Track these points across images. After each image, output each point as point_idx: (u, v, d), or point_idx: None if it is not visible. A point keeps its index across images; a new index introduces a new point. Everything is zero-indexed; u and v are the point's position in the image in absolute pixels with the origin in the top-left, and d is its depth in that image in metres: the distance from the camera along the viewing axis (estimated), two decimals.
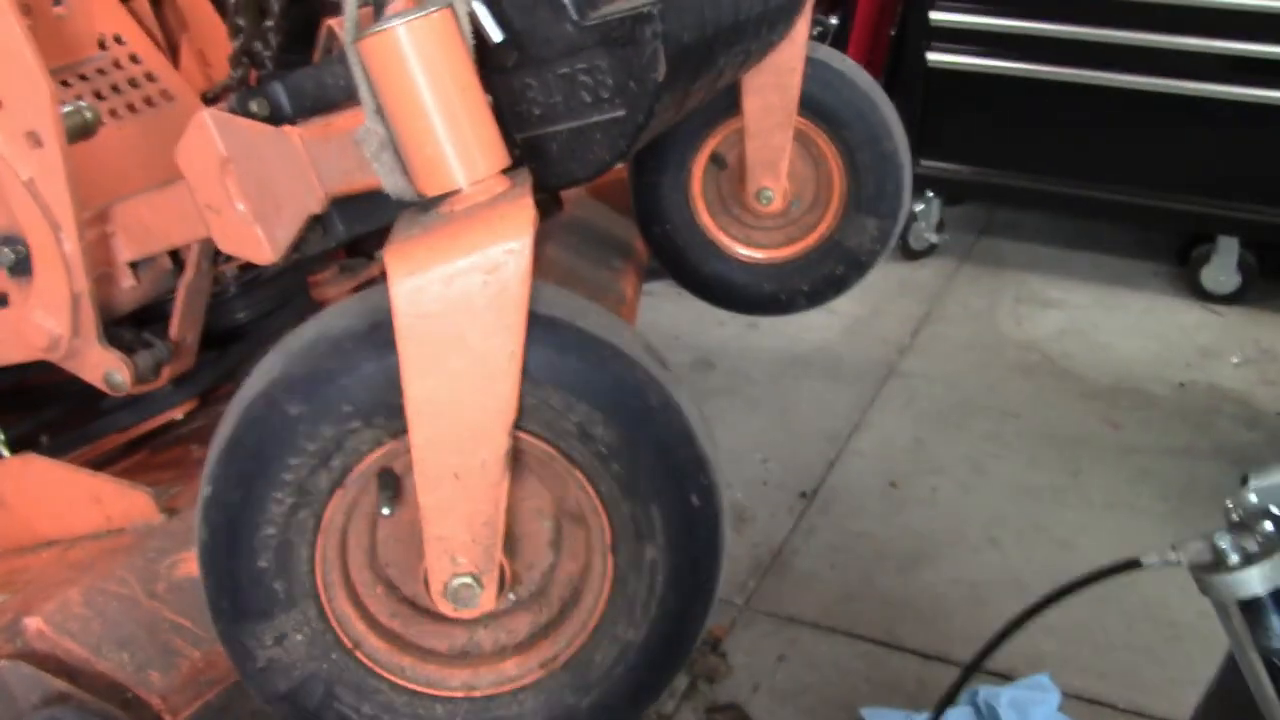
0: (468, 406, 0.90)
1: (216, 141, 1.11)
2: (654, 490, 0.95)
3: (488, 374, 0.89)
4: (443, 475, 0.92)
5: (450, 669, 1.05)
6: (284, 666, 1.01)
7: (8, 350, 1.38)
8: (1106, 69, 3.20)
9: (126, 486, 1.33)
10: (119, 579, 1.24)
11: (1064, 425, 2.84)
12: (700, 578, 0.98)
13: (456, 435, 0.91)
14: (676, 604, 0.98)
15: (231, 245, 1.17)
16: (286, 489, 0.95)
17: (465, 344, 0.88)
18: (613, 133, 1.09)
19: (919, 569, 2.39)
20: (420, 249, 0.88)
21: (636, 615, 0.98)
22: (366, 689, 1.03)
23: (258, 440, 0.93)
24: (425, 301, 0.87)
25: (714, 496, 0.96)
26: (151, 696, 1.19)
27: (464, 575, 0.95)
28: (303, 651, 1.01)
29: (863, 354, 3.20)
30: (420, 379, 0.89)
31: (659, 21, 1.04)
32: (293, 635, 1.00)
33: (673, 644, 1.00)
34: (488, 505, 0.93)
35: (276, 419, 0.93)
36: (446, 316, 0.87)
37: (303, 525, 0.97)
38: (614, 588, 0.98)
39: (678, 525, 0.96)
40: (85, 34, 1.80)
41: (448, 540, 0.94)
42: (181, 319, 1.44)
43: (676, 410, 0.95)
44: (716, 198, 2.06)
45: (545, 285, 0.95)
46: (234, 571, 0.98)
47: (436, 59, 0.90)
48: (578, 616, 1.01)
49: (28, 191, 1.23)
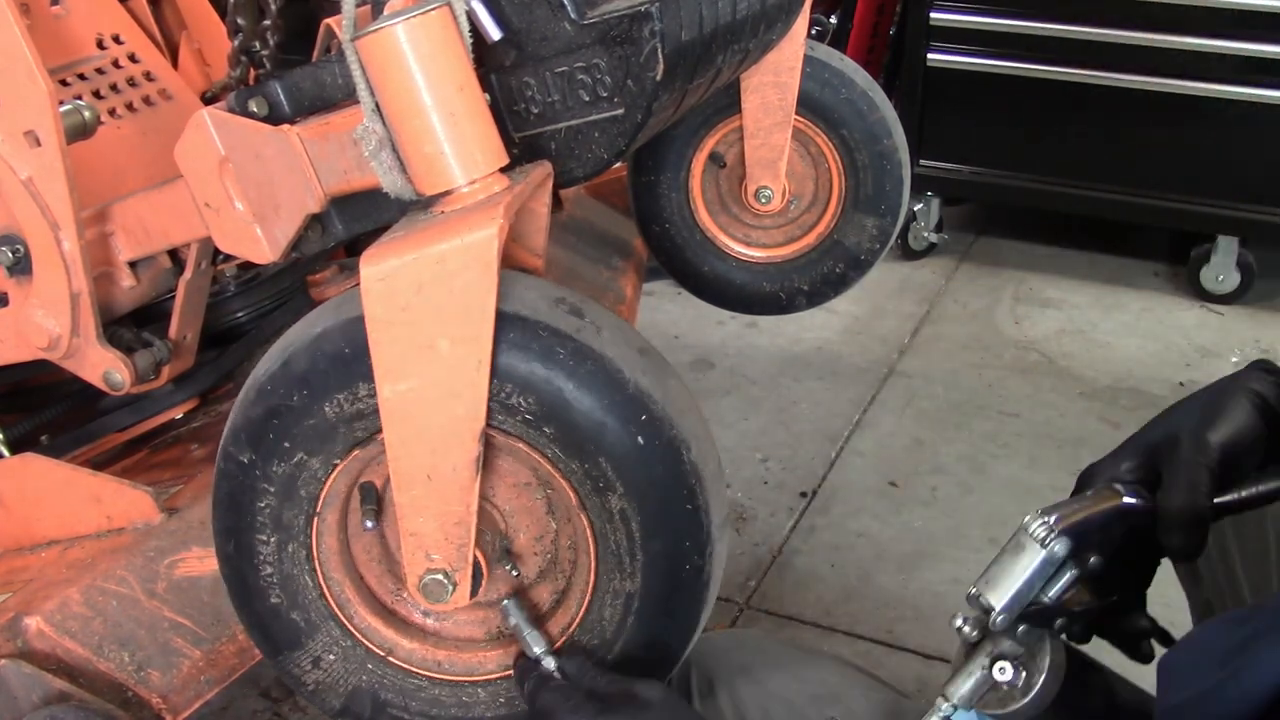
0: (436, 411, 0.90)
1: (215, 141, 1.11)
2: (594, 442, 0.92)
3: (454, 380, 0.88)
4: (415, 475, 0.92)
5: (486, 653, 1.06)
6: (329, 685, 1.06)
7: (7, 350, 1.38)
8: (1107, 69, 3.19)
9: (126, 486, 1.33)
10: (119, 578, 1.24)
11: (1064, 425, 2.83)
12: (676, 512, 0.94)
13: (428, 438, 0.91)
14: (663, 546, 0.95)
15: (230, 244, 1.17)
16: (266, 530, 1.00)
17: (431, 350, 0.88)
18: (611, 131, 1.09)
19: (919, 569, 2.39)
20: (389, 251, 0.87)
21: (626, 565, 0.97)
22: (409, 689, 1.06)
23: (227, 492, 0.99)
24: (391, 304, 0.87)
25: (661, 432, 0.92)
26: (152, 696, 1.19)
27: (437, 571, 0.96)
28: (340, 669, 1.05)
29: (862, 354, 3.20)
30: (390, 382, 0.89)
31: (657, 20, 1.04)
32: (326, 656, 1.05)
33: (674, 586, 0.97)
34: (459, 506, 0.93)
35: (234, 468, 0.98)
36: (411, 321, 0.87)
37: (296, 558, 1.01)
38: (597, 543, 0.97)
39: (632, 469, 0.92)
40: (84, 33, 1.81)
41: (421, 537, 0.95)
42: (181, 318, 1.44)
43: (595, 356, 0.91)
44: (716, 197, 2.06)
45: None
46: (256, 612, 1.04)
47: (435, 57, 0.90)
48: (580, 578, 1.01)
49: (27, 191, 1.23)
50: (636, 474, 0.93)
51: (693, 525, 0.95)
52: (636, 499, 0.93)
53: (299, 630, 1.03)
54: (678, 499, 0.94)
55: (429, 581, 0.96)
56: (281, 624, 1.03)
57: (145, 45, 1.88)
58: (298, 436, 0.95)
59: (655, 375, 0.95)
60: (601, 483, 0.93)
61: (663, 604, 0.98)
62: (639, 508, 0.94)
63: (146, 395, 1.57)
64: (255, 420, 0.96)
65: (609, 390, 0.91)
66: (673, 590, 0.97)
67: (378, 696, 1.06)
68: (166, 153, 1.15)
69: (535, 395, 0.91)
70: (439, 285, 0.86)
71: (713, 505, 0.96)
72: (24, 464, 1.40)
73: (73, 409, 1.61)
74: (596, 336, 0.92)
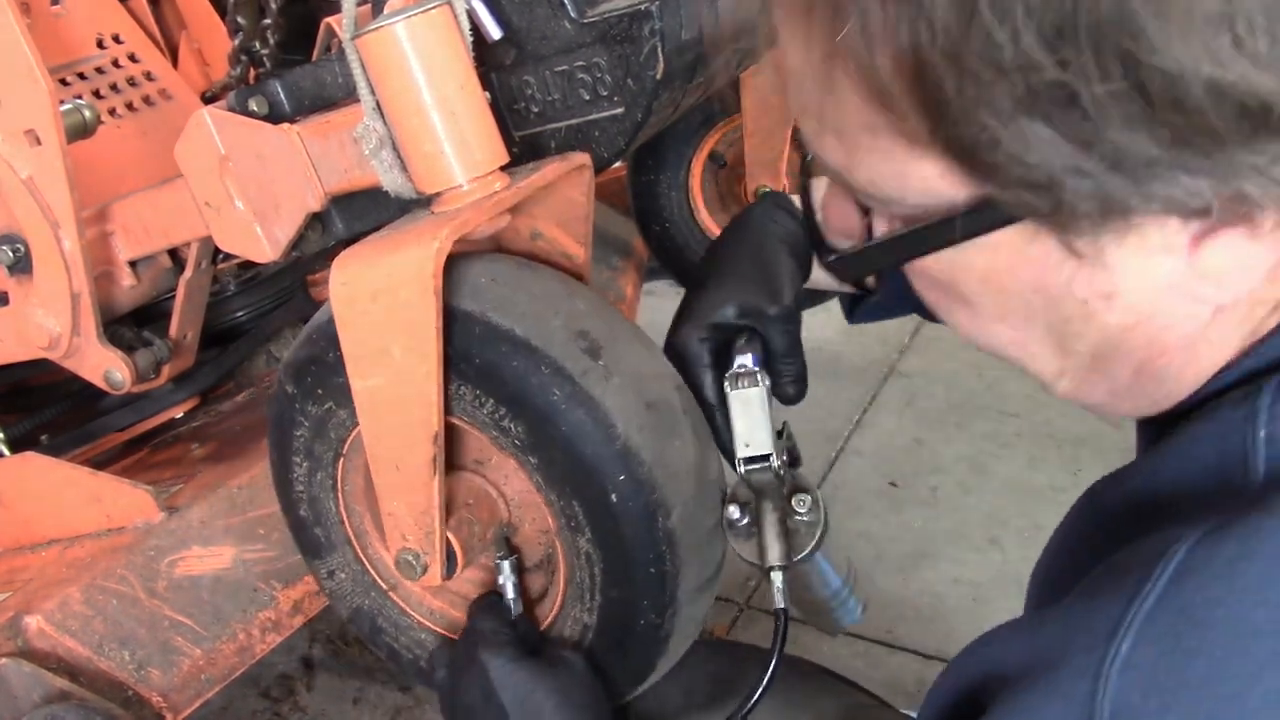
0: (396, 411, 0.91)
1: (215, 140, 1.11)
2: (572, 485, 0.92)
3: (407, 386, 0.89)
4: (386, 464, 0.95)
5: None
6: (340, 596, 1.13)
7: (8, 349, 1.38)
8: None
9: (127, 485, 1.33)
10: (119, 577, 1.24)
11: (1064, 425, 2.83)
12: (639, 573, 0.93)
13: (391, 433, 0.93)
14: (621, 596, 0.94)
15: (231, 243, 1.17)
16: (300, 455, 1.06)
17: (388, 354, 0.89)
18: (611, 130, 1.09)
19: (919, 569, 2.39)
20: (355, 256, 0.88)
21: (586, 601, 0.97)
22: (402, 625, 1.11)
23: (276, 412, 1.05)
24: (353, 308, 0.88)
25: (640, 494, 0.90)
26: (152, 695, 1.19)
27: (409, 552, 0.99)
28: (349, 587, 1.12)
29: (862, 354, 3.20)
30: (358, 378, 0.92)
31: (657, 19, 1.04)
32: (339, 573, 1.11)
33: (627, 635, 0.97)
34: (423, 499, 0.94)
35: (282, 395, 1.04)
36: (370, 325, 0.88)
37: (323, 484, 1.07)
38: (568, 569, 0.97)
39: (603, 523, 0.92)
40: (84, 33, 1.81)
41: (396, 518, 0.98)
42: (181, 318, 1.44)
43: (590, 404, 0.89)
44: (715, 196, 2.06)
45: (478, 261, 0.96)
46: (290, 518, 1.12)
47: (435, 56, 0.90)
48: (555, 589, 1.02)
49: (27, 190, 1.23)
50: (606, 526, 0.92)
51: (654, 587, 0.93)
52: (602, 548, 0.93)
53: (321, 544, 1.10)
54: (643, 561, 0.92)
55: (402, 559, 0.99)
56: (308, 534, 1.11)
57: (145, 45, 1.88)
58: (329, 388, 0.99)
59: (656, 433, 0.92)
60: (574, 522, 0.93)
61: (616, 646, 0.98)
62: (603, 556, 0.93)
63: (146, 394, 1.57)
64: (299, 361, 1.01)
65: (593, 442, 0.89)
66: (625, 637, 0.97)
67: (375, 622, 1.11)
68: (167, 152, 1.15)
69: (525, 425, 0.91)
70: (387, 296, 0.87)
71: (685, 572, 0.94)
72: (24, 463, 1.40)
73: (73, 408, 1.61)
74: (602, 383, 0.90)
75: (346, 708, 2.17)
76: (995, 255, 0.64)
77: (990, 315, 0.69)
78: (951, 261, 0.66)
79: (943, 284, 0.69)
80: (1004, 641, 0.67)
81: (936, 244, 0.65)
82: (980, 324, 0.70)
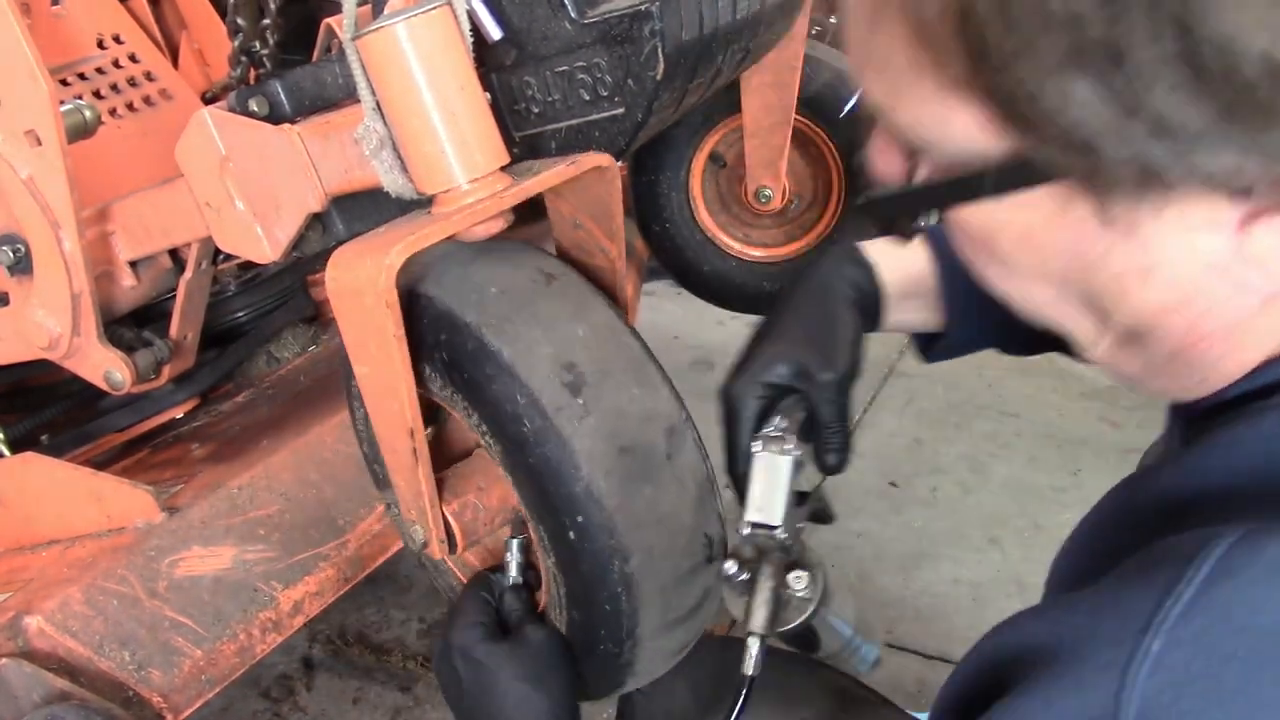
0: (382, 401, 0.93)
1: (216, 140, 1.11)
2: (536, 513, 0.92)
3: (385, 380, 0.90)
4: (386, 445, 0.97)
5: None
6: (396, 528, 1.16)
7: (8, 349, 1.38)
8: None
9: (127, 485, 1.33)
10: (120, 577, 1.24)
11: (1064, 425, 2.84)
12: (596, 608, 0.93)
13: (381, 421, 0.95)
14: (582, 620, 0.95)
15: (231, 244, 1.17)
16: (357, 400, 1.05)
17: (369, 349, 0.90)
18: (611, 131, 1.09)
19: (919, 569, 2.39)
20: (344, 256, 0.89)
21: (557, 610, 0.98)
22: (441, 569, 1.15)
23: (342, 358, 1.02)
24: (341, 304, 0.89)
25: (598, 538, 0.89)
26: (152, 695, 1.19)
27: (413, 524, 1.01)
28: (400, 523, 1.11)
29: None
30: (354, 364, 0.94)
31: (658, 19, 1.04)
32: (393, 508, 1.11)
33: (590, 652, 0.97)
34: (414, 482, 0.96)
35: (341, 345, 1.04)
36: (354, 322, 0.90)
37: None
38: (547, 576, 0.98)
39: (563, 553, 0.92)
40: (84, 33, 1.81)
41: (401, 491, 1.00)
42: (181, 318, 1.44)
43: (558, 443, 0.88)
44: (716, 196, 2.06)
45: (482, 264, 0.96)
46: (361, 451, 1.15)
47: (435, 56, 0.90)
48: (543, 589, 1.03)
49: (27, 190, 1.24)
50: (566, 558, 0.92)
51: (612, 623, 0.93)
52: (564, 574, 0.94)
53: (379, 479, 1.12)
54: (599, 599, 0.92)
55: (411, 529, 1.02)
56: (372, 469, 1.14)
57: (145, 45, 1.88)
58: None
59: (625, 479, 0.90)
60: (542, 541, 0.94)
61: (584, 656, 0.99)
62: (565, 581, 0.94)
63: (147, 395, 1.57)
64: None
65: (556, 481, 0.89)
66: (589, 655, 0.98)
67: (420, 559, 1.13)
68: (167, 152, 1.15)
69: (501, 446, 0.92)
70: (357, 298, 0.87)
71: (643, 613, 0.93)
72: (24, 463, 1.40)
73: (73, 409, 1.61)
74: (575, 422, 0.89)
75: (346, 708, 2.17)
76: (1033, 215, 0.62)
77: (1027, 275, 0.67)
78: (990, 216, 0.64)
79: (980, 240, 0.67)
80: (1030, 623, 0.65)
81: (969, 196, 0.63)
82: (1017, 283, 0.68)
